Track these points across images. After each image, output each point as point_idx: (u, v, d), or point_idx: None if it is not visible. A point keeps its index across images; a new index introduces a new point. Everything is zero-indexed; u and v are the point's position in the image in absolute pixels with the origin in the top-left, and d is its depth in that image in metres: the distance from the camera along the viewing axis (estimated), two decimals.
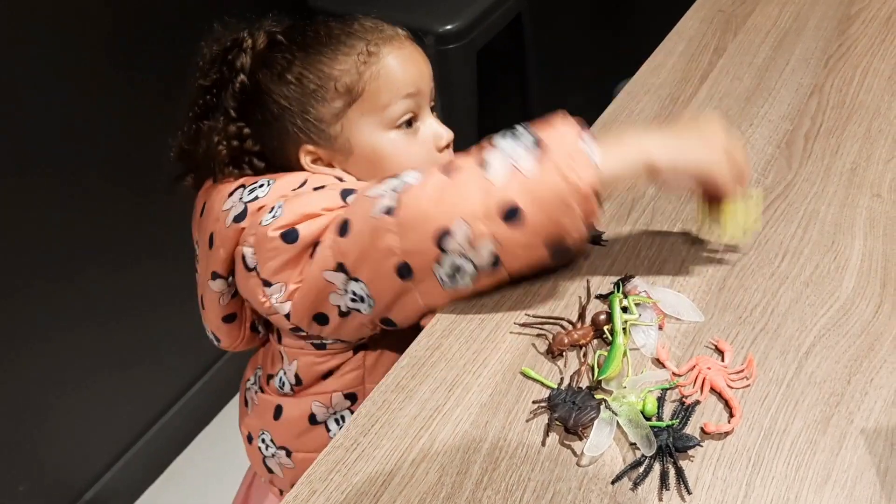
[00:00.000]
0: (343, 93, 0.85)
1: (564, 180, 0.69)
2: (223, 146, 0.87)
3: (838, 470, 0.64)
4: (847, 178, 0.94)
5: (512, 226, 0.71)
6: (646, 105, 1.09)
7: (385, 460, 0.67)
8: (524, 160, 0.71)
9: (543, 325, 0.76)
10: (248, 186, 0.84)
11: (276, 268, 0.79)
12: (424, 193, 0.72)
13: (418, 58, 0.89)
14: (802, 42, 1.20)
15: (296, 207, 0.79)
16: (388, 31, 0.89)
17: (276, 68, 0.86)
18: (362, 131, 0.87)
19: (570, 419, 0.66)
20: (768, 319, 0.76)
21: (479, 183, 0.71)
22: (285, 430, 0.94)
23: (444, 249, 0.72)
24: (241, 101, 0.88)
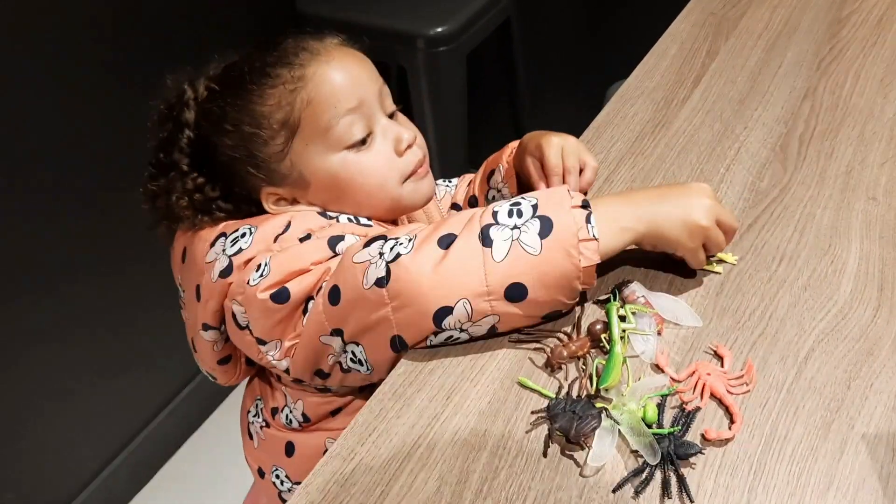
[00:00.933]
0: (280, 129, 0.81)
1: (570, 261, 0.69)
2: (184, 201, 0.84)
3: (840, 476, 0.63)
4: (842, 181, 0.93)
5: (515, 304, 0.70)
6: (639, 108, 1.09)
7: (383, 470, 0.66)
8: (530, 239, 0.69)
9: (538, 339, 0.75)
10: (229, 235, 0.81)
11: (269, 327, 0.77)
12: (419, 269, 0.69)
13: (352, 64, 0.83)
14: (794, 45, 1.20)
15: (283, 264, 0.75)
16: (313, 45, 0.83)
17: (214, 118, 0.83)
18: (312, 161, 0.82)
19: (571, 429, 0.65)
20: (767, 324, 0.76)
21: (481, 260, 0.69)
22: (300, 467, 0.92)
23: (441, 327, 0.71)
24: (192, 155, 0.85)
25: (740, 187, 0.93)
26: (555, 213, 0.70)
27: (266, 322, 0.77)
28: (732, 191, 0.93)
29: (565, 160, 0.89)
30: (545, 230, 0.69)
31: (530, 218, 0.71)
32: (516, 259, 0.69)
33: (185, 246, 0.86)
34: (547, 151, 0.89)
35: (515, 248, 0.69)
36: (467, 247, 0.70)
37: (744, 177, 0.95)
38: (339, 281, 0.73)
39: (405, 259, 0.69)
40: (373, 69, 0.86)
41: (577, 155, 0.90)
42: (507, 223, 0.71)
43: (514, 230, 0.70)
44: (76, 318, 1.54)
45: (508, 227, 0.70)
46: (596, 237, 0.70)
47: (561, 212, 0.70)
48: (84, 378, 1.59)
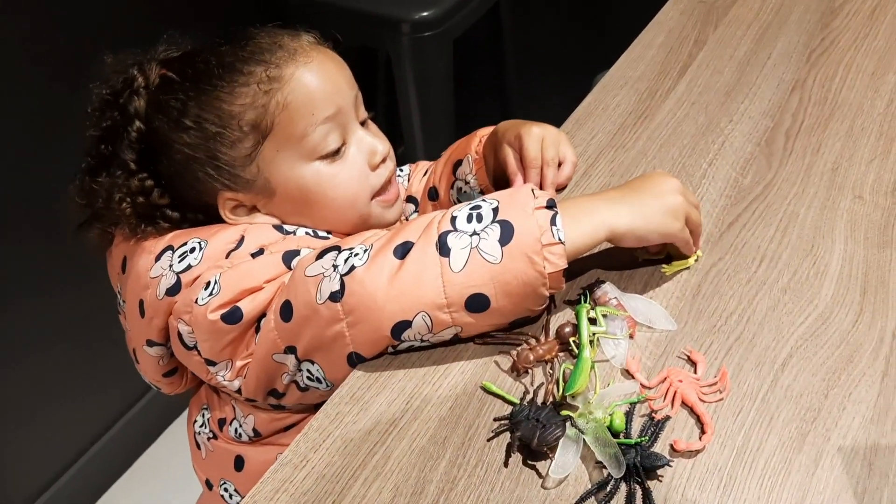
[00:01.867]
0: (249, 131, 0.75)
1: (534, 268, 0.65)
2: (127, 204, 0.76)
3: (814, 492, 0.60)
4: (828, 178, 0.90)
5: (478, 314, 0.67)
6: (622, 99, 1.05)
7: (336, 479, 0.63)
8: (490, 247, 0.65)
9: (505, 342, 0.72)
10: (176, 250, 0.75)
11: (218, 349, 0.73)
12: (375, 282, 0.65)
13: (331, 69, 0.78)
14: (785, 35, 1.16)
15: (234, 282, 0.71)
16: (289, 43, 0.77)
17: (172, 114, 0.75)
18: (281, 169, 0.77)
19: (534, 438, 0.62)
20: (744, 328, 0.73)
21: (439, 271, 0.65)
22: (250, 481, 0.85)
23: (400, 339, 0.68)
24: (141, 152, 0.78)
25: (722, 184, 0.90)
26: (516, 217, 0.66)
27: (216, 343, 0.72)
28: (714, 187, 0.90)
29: (545, 152, 0.86)
30: (506, 236, 0.65)
31: (490, 223, 0.66)
32: (476, 268, 0.65)
33: (126, 255, 0.80)
34: (527, 142, 0.86)
35: (475, 256, 0.65)
36: (424, 256, 0.66)
37: (727, 173, 0.92)
38: (290, 296, 0.69)
39: (360, 271, 0.66)
40: (350, 74, 0.81)
41: (557, 147, 0.87)
42: (465, 229, 0.66)
43: (474, 237, 0.66)
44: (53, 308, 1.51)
45: (467, 234, 0.66)
46: (561, 240, 0.66)
47: (523, 215, 0.66)
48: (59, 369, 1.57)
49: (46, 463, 1.61)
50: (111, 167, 0.78)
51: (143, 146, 0.78)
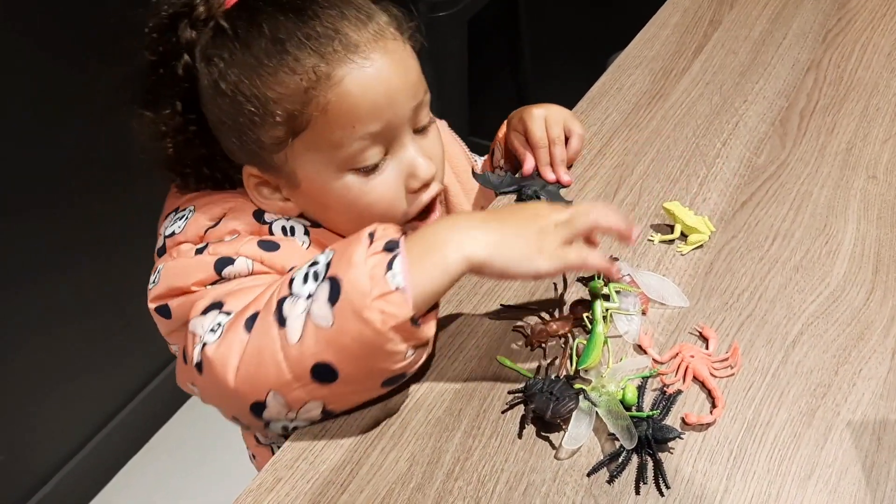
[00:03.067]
0: (283, 121, 0.68)
1: (367, 326, 0.57)
2: (169, 143, 0.73)
3: (822, 465, 0.61)
4: (842, 158, 0.90)
5: (329, 384, 0.60)
6: (637, 79, 1.06)
7: (353, 449, 0.64)
8: (319, 309, 0.58)
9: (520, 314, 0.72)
10: (178, 212, 0.75)
11: (165, 333, 0.73)
12: (223, 363, 0.60)
13: (391, 76, 0.68)
14: (801, 15, 1.16)
15: (170, 278, 0.69)
16: (352, 34, 0.67)
17: (213, 70, 0.69)
18: (308, 168, 0.71)
19: (547, 410, 0.63)
20: (756, 305, 0.74)
21: (278, 344, 0.59)
22: (248, 435, 0.89)
23: (263, 419, 0.63)
24: (186, 90, 0.72)
25: (736, 163, 0.91)
26: (344, 271, 0.58)
27: (160, 328, 0.73)
28: (728, 166, 0.90)
29: (550, 130, 0.86)
30: (334, 295, 0.58)
31: (321, 280, 0.59)
32: (311, 336, 0.58)
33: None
34: (530, 124, 0.86)
35: (308, 323, 0.58)
36: (264, 330, 0.60)
37: (740, 152, 0.92)
38: (186, 343, 0.65)
39: (210, 350, 0.61)
40: (416, 78, 0.71)
41: (562, 124, 0.88)
42: (301, 293, 0.60)
43: (308, 300, 0.59)
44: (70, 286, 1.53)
45: (303, 298, 0.59)
46: (399, 287, 0.57)
47: (350, 268, 0.58)
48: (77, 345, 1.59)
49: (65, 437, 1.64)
50: (161, 99, 0.73)
51: (188, 85, 0.72)
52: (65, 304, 1.54)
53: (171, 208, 0.77)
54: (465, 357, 0.71)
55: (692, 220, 0.80)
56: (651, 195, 0.87)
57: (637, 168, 0.91)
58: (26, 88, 1.34)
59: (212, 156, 0.75)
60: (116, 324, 1.65)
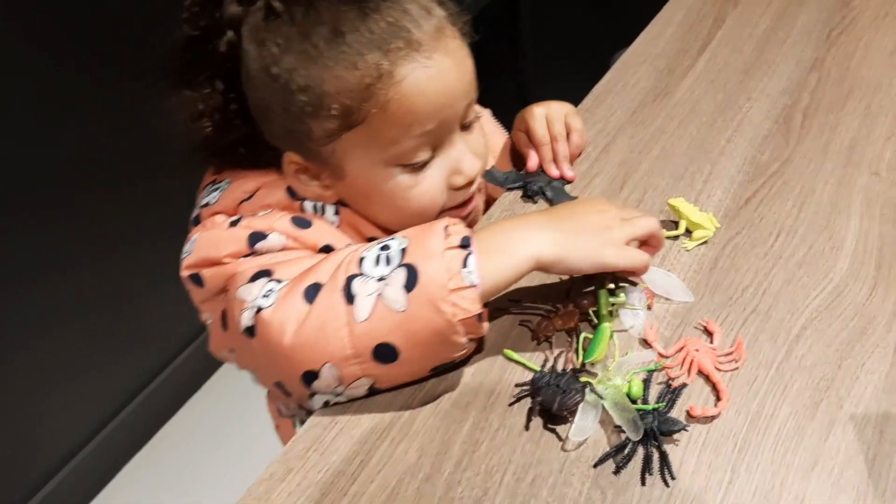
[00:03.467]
0: (338, 115, 0.67)
1: (441, 316, 0.60)
2: (207, 122, 0.72)
3: (826, 457, 0.62)
4: (845, 155, 0.91)
5: (388, 364, 0.62)
6: (641, 76, 1.06)
7: (363, 439, 0.65)
8: (394, 293, 0.60)
9: (525, 311, 0.74)
10: (215, 184, 0.76)
11: (197, 301, 0.74)
12: (280, 328, 0.62)
13: (450, 75, 0.68)
14: (804, 13, 1.17)
15: (202, 248, 0.70)
16: (413, 31, 0.66)
17: (265, 54, 0.67)
18: (357, 162, 0.71)
19: (554, 403, 0.64)
20: (759, 301, 0.75)
21: (343, 320, 0.61)
22: (271, 406, 0.92)
23: (312, 390, 0.65)
24: (230, 69, 0.70)
25: (740, 160, 0.91)
26: (422, 261, 0.61)
27: (193, 296, 0.74)
28: (732, 164, 0.91)
29: (551, 128, 0.87)
30: (410, 282, 0.60)
31: (397, 266, 0.61)
32: (381, 317, 0.60)
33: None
34: (531, 123, 0.87)
35: (379, 304, 0.60)
36: (330, 304, 0.61)
37: (744, 149, 0.93)
38: (227, 308, 0.67)
39: (266, 314, 0.62)
40: (470, 75, 0.71)
41: (563, 120, 0.89)
42: (372, 274, 0.62)
43: (380, 282, 0.61)
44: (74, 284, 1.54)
45: (374, 279, 0.61)
46: (474, 283, 0.60)
47: (430, 259, 0.60)
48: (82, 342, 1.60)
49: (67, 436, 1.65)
50: (200, 77, 0.71)
51: (232, 64, 0.70)
52: (66, 304, 1.54)
53: (208, 181, 0.78)
54: (473, 351, 0.72)
55: (697, 216, 0.80)
56: (656, 192, 0.88)
57: (642, 165, 0.91)
58: (26, 88, 1.35)
59: (250, 137, 0.73)
60: (118, 322, 1.66)
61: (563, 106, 0.90)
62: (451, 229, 0.63)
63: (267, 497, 0.62)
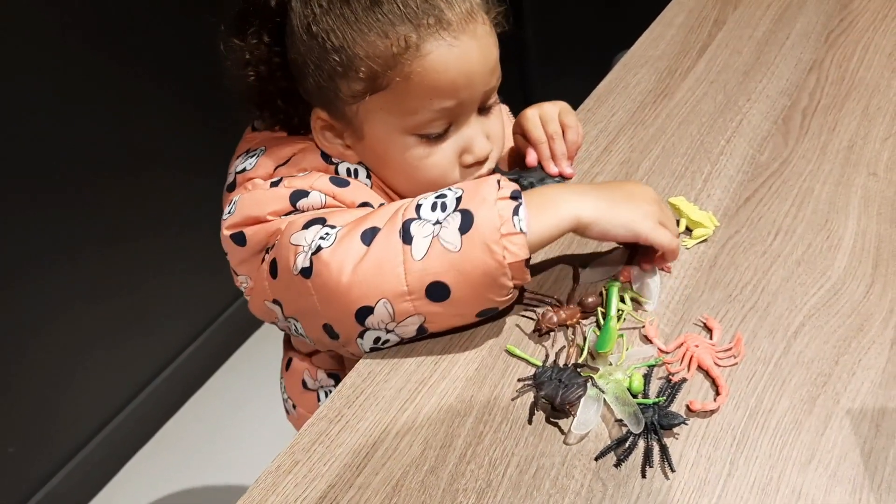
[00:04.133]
0: (365, 78, 0.71)
1: (492, 257, 0.64)
2: (251, 70, 0.75)
3: (823, 450, 0.63)
4: (843, 155, 0.93)
5: (439, 303, 0.67)
6: (642, 77, 1.08)
7: (369, 432, 0.66)
8: (450, 235, 0.65)
9: (531, 302, 0.75)
10: (250, 152, 0.79)
11: (236, 262, 0.77)
12: (339, 267, 0.66)
13: (474, 59, 0.72)
14: (804, 16, 1.18)
15: (245, 208, 0.74)
16: (448, 10, 0.70)
17: (308, 13, 0.72)
18: (377, 125, 0.75)
19: (556, 397, 0.65)
20: (758, 298, 0.76)
21: (400, 258, 0.65)
22: (291, 384, 0.94)
23: (365, 326, 0.68)
24: (277, 24, 0.75)
25: (740, 160, 0.93)
26: (477, 207, 0.65)
27: (232, 258, 0.77)
28: (732, 163, 0.92)
29: (546, 127, 0.89)
30: (465, 225, 0.65)
31: (452, 212, 0.66)
32: (436, 256, 0.65)
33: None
34: (526, 125, 0.89)
35: (435, 244, 0.65)
36: (388, 243, 0.66)
37: (744, 149, 0.94)
38: (277, 256, 0.71)
39: (325, 254, 0.67)
40: (494, 61, 0.75)
41: (557, 119, 0.90)
42: (429, 218, 0.67)
43: (436, 225, 0.66)
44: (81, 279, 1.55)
45: (430, 223, 0.66)
46: (523, 230, 0.65)
47: (484, 205, 0.65)
48: (88, 337, 1.61)
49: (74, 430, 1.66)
50: (250, 27, 0.75)
51: (279, 18, 0.75)
52: (74, 298, 1.56)
53: (243, 150, 0.81)
54: (475, 346, 0.73)
55: (697, 215, 0.82)
56: (656, 191, 0.88)
57: (643, 164, 0.93)
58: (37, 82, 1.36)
59: (289, 91, 0.78)
60: (126, 317, 1.67)
61: (555, 105, 0.91)
62: (502, 182, 0.67)
63: (274, 489, 0.63)
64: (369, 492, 0.62)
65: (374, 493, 0.62)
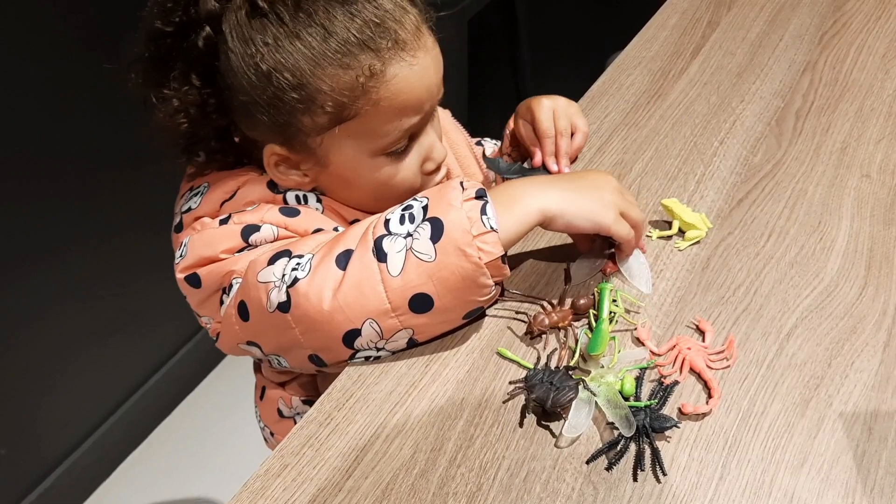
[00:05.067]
0: (330, 111, 0.70)
1: (468, 260, 0.64)
2: (182, 118, 0.72)
3: (815, 453, 0.63)
4: (837, 157, 0.92)
5: (424, 314, 0.67)
6: (636, 78, 1.07)
7: (359, 435, 0.66)
8: (422, 246, 0.65)
9: (522, 303, 0.75)
10: (193, 190, 0.78)
11: (195, 304, 0.76)
12: (318, 295, 0.65)
13: (431, 71, 0.73)
14: (797, 17, 1.18)
15: (197, 248, 0.73)
16: (401, 30, 0.70)
17: (252, 52, 0.68)
18: (346, 151, 0.74)
19: (548, 400, 0.65)
20: (751, 300, 0.75)
21: (378, 277, 0.65)
22: (266, 413, 0.93)
23: (354, 348, 0.68)
24: (207, 64, 0.71)
25: (733, 161, 0.92)
26: (445, 213, 0.65)
27: (191, 300, 0.76)
28: (725, 165, 0.92)
29: (557, 122, 0.89)
30: (436, 233, 0.65)
31: (421, 221, 0.66)
32: (413, 269, 0.65)
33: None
34: (538, 114, 0.89)
35: (410, 258, 0.65)
36: (363, 264, 0.65)
37: (737, 151, 0.94)
38: (245, 298, 0.69)
39: (302, 284, 0.65)
40: (442, 67, 0.76)
41: (569, 118, 0.90)
42: (399, 231, 0.66)
43: (408, 238, 0.66)
44: (73, 280, 1.54)
45: (401, 236, 0.66)
46: (494, 228, 0.65)
47: (451, 210, 0.65)
48: (80, 339, 1.60)
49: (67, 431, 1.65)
50: (173, 71, 0.71)
51: (209, 59, 0.71)
52: (66, 299, 1.55)
53: (186, 188, 0.80)
54: (467, 349, 0.72)
55: (690, 216, 0.81)
56: (650, 192, 0.88)
57: (636, 166, 0.92)
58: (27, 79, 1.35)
59: (223, 130, 0.75)
60: (118, 318, 1.66)
61: (570, 104, 0.92)
62: (466, 184, 0.68)
63: (262, 492, 0.62)
64: (359, 495, 0.62)
65: (364, 496, 0.62)
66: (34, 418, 1.58)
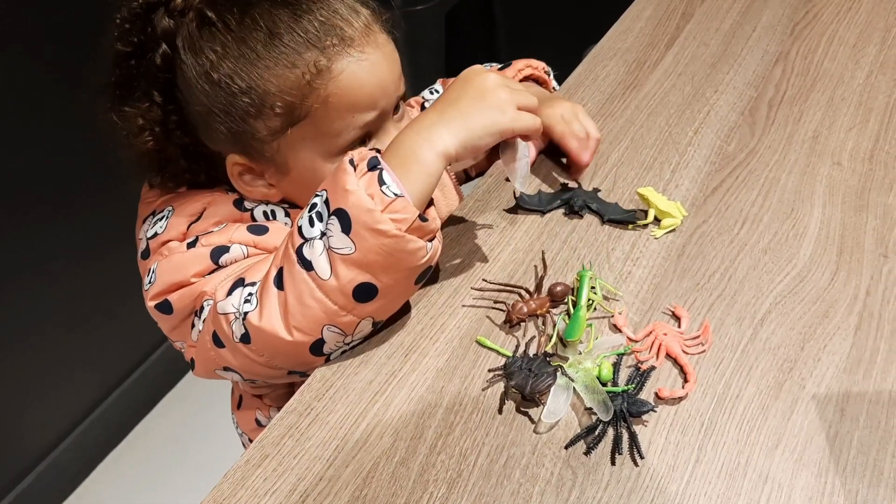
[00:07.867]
0: (281, 113, 0.70)
1: (385, 237, 0.62)
2: (148, 136, 0.73)
3: (789, 435, 0.64)
4: (809, 146, 0.94)
5: (375, 300, 0.66)
6: (612, 69, 1.08)
7: (339, 425, 0.66)
8: (338, 241, 0.63)
9: (500, 292, 0.75)
10: (156, 215, 0.77)
11: (167, 330, 0.76)
12: (271, 324, 0.65)
13: (383, 68, 0.72)
14: (770, 8, 1.19)
15: (166, 274, 0.72)
16: (348, 28, 0.70)
17: (203, 61, 0.69)
18: (303, 155, 0.74)
19: (526, 386, 0.65)
20: (726, 286, 0.77)
21: (313, 285, 0.64)
22: (244, 422, 0.92)
23: (324, 353, 0.69)
24: (166, 80, 0.72)
25: (707, 151, 0.93)
26: (344, 201, 0.63)
27: (163, 326, 0.76)
28: (699, 154, 0.93)
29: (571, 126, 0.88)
30: (345, 224, 0.63)
31: (329, 216, 0.64)
32: (341, 267, 0.64)
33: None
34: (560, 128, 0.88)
35: (333, 257, 0.64)
36: (295, 280, 0.65)
37: (712, 140, 0.95)
38: (216, 328, 0.69)
39: (253, 317, 0.66)
40: (399, 66, 0.76)
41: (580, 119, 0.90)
42: (314, 234, 0.65)
43: (323, 238, 0.64)
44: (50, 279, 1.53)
45: (317, 238, 0.64)
46: (398, 194, 0.63)
47: (349, 196, 0.63)
48: (58, 338, 1.59)
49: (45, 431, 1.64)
50: (137, 91, 0.73)
51: (168, 75, 0.72)
52: (44, 298, 1.54)
53: (146, 213, 0.79)
54: (446, 337, 0.73)
55: (665, 205, 0.82)
56: (625, 182, 0.89)
57: (612, 156, 0.93)
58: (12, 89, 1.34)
59: (190, 147, 0.76)
60: (96, 317, 1.65)
61: (574, 106, 0.90)
62: (356, 158, 0.65)
63: (243, 482, 0.63)
64: (339, 484, 0.62)
65: (345, 485, 0.62)
66: (12, 418, 1.56)
